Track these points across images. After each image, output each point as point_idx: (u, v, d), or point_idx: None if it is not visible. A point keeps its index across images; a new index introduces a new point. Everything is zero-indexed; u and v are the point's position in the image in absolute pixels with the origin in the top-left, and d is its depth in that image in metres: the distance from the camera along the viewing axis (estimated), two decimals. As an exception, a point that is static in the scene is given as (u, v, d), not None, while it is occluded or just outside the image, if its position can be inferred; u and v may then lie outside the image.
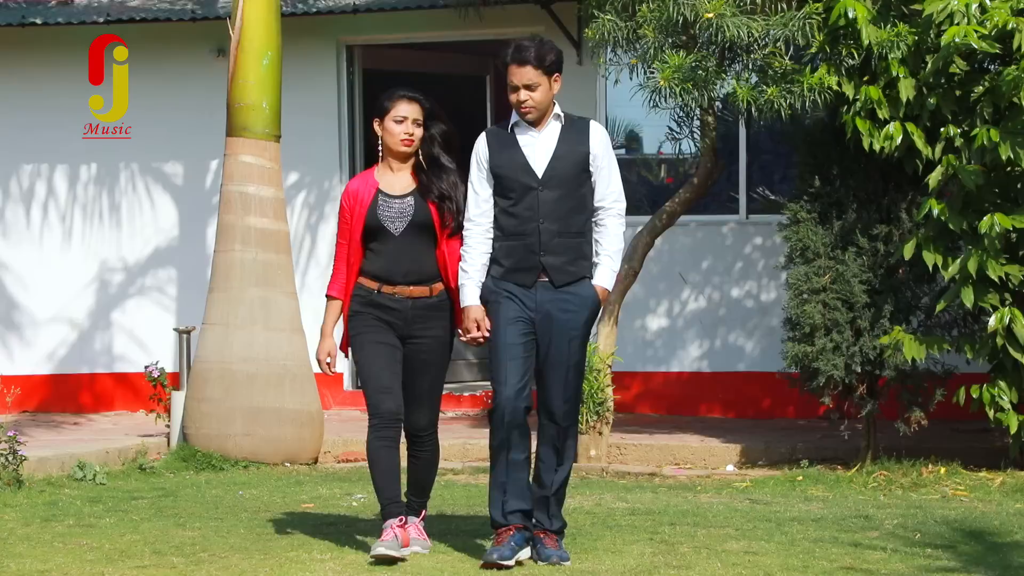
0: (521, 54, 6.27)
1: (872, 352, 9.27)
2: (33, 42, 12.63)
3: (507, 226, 6.32)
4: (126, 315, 12.85)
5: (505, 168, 6.32)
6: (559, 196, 6.28)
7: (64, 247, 12.87)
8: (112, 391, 12.81)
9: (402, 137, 6.48)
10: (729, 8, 8.73)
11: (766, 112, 8.96)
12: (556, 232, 6.28)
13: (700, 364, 12.07)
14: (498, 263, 6.36)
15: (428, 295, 6.51)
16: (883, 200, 9.41)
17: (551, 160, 6.30)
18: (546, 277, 6.30)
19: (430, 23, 12.33)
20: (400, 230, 6.47)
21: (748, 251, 11.98)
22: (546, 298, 6.29)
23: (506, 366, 6.25)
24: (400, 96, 6.52)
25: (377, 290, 6.49)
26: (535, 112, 6.31)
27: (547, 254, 6.28)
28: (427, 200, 6.48)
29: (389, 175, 6.57)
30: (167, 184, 12.85)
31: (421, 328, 6.52)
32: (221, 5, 12.33)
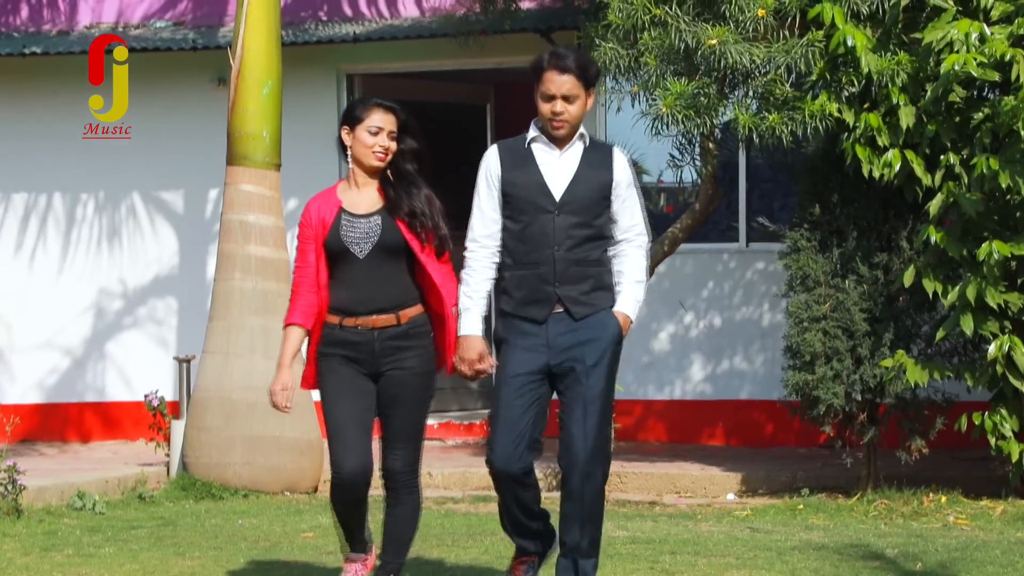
0: (563, 61, 5.73)
1: (872, 380, 9.26)
2: (34, 71, 12.65)
3: (517, 253, 5.76)
4: (126, 343, 12.83)
5: (519, 187, 5.75)
6: (576, 223, 5.73)
7: (64, 275, 12.86)
8: (112, 420, 12.78)
9: (376, 150, 5.84)
10: (731, 35, 8.74)
11: (767, 139, 8.97)
12: (573, 261, 5.72)
13: (701, 391, 12.06)
14: (508, 295, 5.78)
15: (395, 323, 5.82)
16: (883, 228, 9.42)
17: (571, 183, 5.75)
18: (562, 309, 5.72)
19: (430, 52, 12.36)
20: (365, 252, 5.81)
21: (748, 279, 11.98)
22: (561, 331, 5.71)
23: (500, 427, 5.71)
24: (375, 105, 5.89)
25: (339, 324, 5.83)
26: (567, 127, 5.75)
27: (563, 284, 5.71)
28: (396, 218, 5.83)
29: (354, 192, 5.92)
30: (167, 212, 12.86)
31: (392, 361, 5.83)
32: (222, 35, 12.35)
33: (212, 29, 12.72)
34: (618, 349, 5.78)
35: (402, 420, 5.86)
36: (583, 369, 5.67)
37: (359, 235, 5.81)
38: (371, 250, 5.79)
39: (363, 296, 5.81)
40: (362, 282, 5.83)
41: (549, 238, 5.71)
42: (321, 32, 12.42)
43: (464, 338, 5.79)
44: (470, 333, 5.78)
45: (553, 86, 5.70)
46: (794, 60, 8.82)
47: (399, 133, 5.89)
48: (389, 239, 5.80)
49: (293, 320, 5.89)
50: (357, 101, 6.00)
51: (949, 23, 8.60)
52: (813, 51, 8.79)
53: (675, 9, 8.83)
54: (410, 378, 5.85)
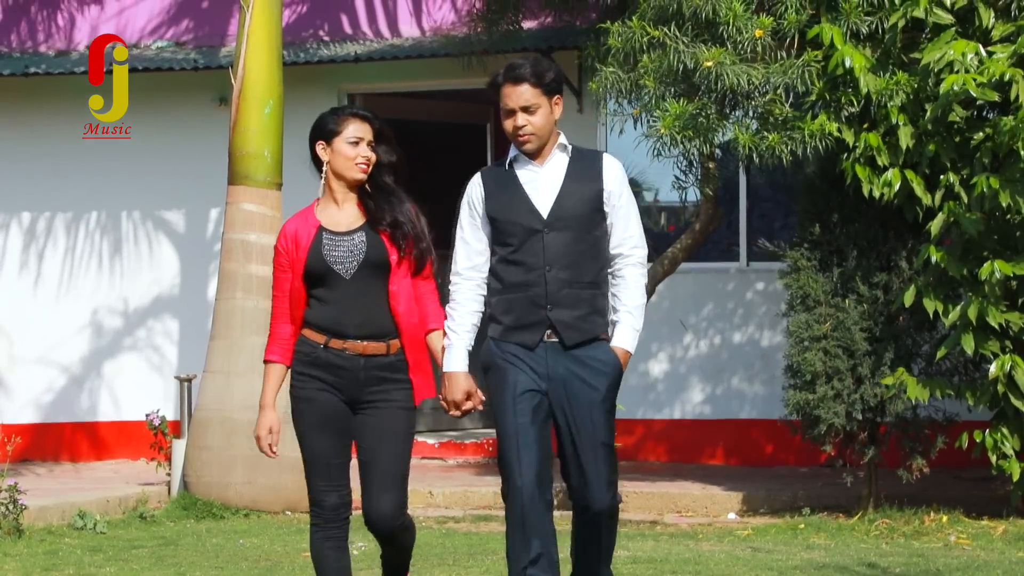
0: (515, 72, 5.42)
1: (873, 399, 9.26)
2: (34, 91, 12.68)
3: (508, 277, 5.40)
4: (127, 363, 12.84)
5: (504, 210, 5.43)
6: (568, 239, 5.37)
7: (66, 294, 12.87)
8: (112, 439, 12.78)
9: (358, 161, 5.47)
10: (728, 57, 8.77)
11: (767, 158, 8.98)
12: (566, 281, 5.35)
13: (702, 411, 12.06)
14: (497, 320, 5.44)
15: (385, 353, 5.42)
16: (883, 247, 9.43)
17: (558, 197, 5.40)
18: (554, 336, 5.36)
19: (431, 72, 12.39)
20: (351, 272, 5.42)
21: (749, 298, 11.99)
22: (557, 362, 5.36)
23: (520, 452, 5.30)
24: (350, 115, 5.54)
25: (324, 344, 5.42)
26: (535, 140, 5.41)
27: (555, 307, 5.34)
28: (379, 232, 5.46)
29: (332, 209, 5.52)
30: (169, 231, 12.87)
31: (375, 393, 5.42)
32: (223, 55, 12.39)
33: (213, 49, 12.76)
34: (617, 388, 5.45)
35: (389, 458, 5.38)
36: (585, 411, 5.34)
37: (343, 254, 5.44)
38: (357, 269, 5.42)
39: (353, 318, 5.42)
40: (350, 303, 5.43)
41: (540, 258, 5.38)
42: (322, 52, 12.45)
43: (449, 375, 5.41)
44: (455, 370, 5.40)
45: (510, 100, 5.42)
46: (792, 81, 8.84)
47: (376, 142, 5.55)
48: (375, 255, 5.43)
49: (272, 356, 5.51)
50: (327, 114, 5.60)
51: (947, 43, 8.62)
52: (811, 71, 8.81)
53: (673, 30, 8.85)
54: (397, 413, 5.42)
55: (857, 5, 8.77)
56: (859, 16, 8.78)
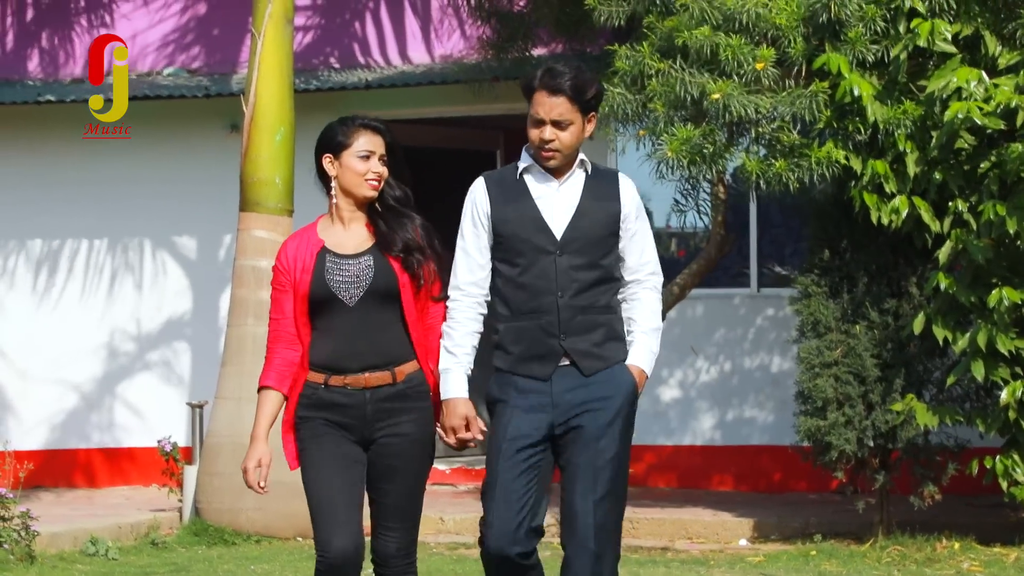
0: (555, 80, 4.90)
1: (884, 426, 9.25)
2: (49, 118, 12.73)
3: (515, 302, 4.93)
4: (138, 389, 12.86)
5: (513, 225, 4.95)
6: (582, 264, 4.92)
7: (78, 321, 12.90)
8: (124, 465, 12.80)
9: (369, 178, 4.99)
10: (735, 88, 8.76)
11: (774, 185, 8.98)
12: (579, 308, 4.90)
13: (712, 437, 12.05)
14: (504, 350, 4.95)
15: (391, 382, 4.93)
16: (893, 273, 9.43)
17: (574, 218, 4.94)
18: (569, 362, 4.91)
19: (441, 99, 12.43)
20: (355, 299, 4.92)
21: (760, 324, 11.99)
22: (569, 386, 4.90)
23: (497, 504, 4.87)
24: (360, 126, 5.04)
25: (324, 383, 4.94)
26: (560, 158, 4.95)
27: (569, 336, 4.90)
28: (389, 256, 4.95)
29: (338, 229, 5.04)
30: (180, 258, 12.91)
31: (386, 426, 4.94)
32: (235, 82, 12.44)
33: (225, 76, 12.81)
34: (633, 409, 4.98)
35: (397, 495, 4.95)
36: (593, 431, 4.87)
37: (347, 279, 4.95)
38: (362, 296, 4.93)
39: (352, 350, 4.93)
40: (351, 334, 4.94)
41: (551, 283, 4.90)
42: (333, 79, 12.50)
43: (447, 402, 4.93)
44: (454, 396, 4.92)
45: (543, 109, 4.91)
46: (800, 110, 8.83)
47: (387, 156, 5.07)
48: (383, 282, 4.93)
49: (268, 382, 5.00)
50: (336, 123, 5.09)
51: (953, 71, 8.63)
52: (818, 101, 8.79)
53: (679, 62, 8.87)
54: (407, 446, 4.95)
55: (862, 34, 8.78)
56: (864, 45, 8.80)
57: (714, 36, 8.76)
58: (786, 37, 8.86)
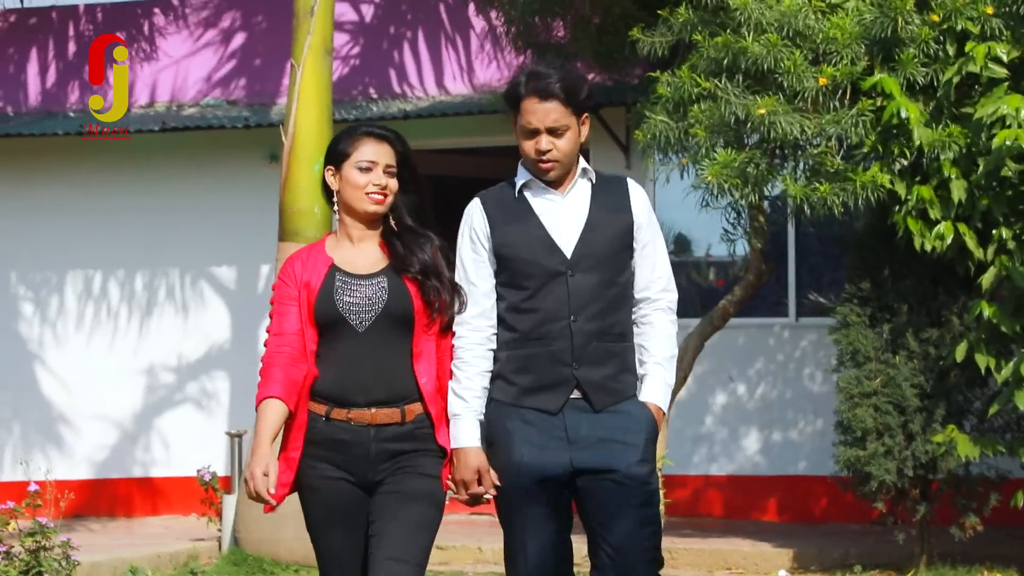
0: (543, 84, 4.48)
1: (925, 456, 9.19)
2: (90, 150, 12.82)
3: (522, 327, 4.47)
4: (178, 418, 12.91)
5: (517, 247, 4.50)
6: (596, 283, 4.48)
7: (115, 350, 12.96)
8: (164, 495, 12.84)
9: (370, 190, 4.49)
10: (781, 106, 8.68)
11: (819, 209, 8.87)
12: (594, 333, 4.45)
13: (752, 466, 12.00)
14: (507, 380, 4.48)
15: (399, 421, 4.43)
16: (933, 303, 9.38)
17: (584, 232, 4.51)
18: (579, 396, 4.45)
19: (479, 128, 12.45)
20: (366, 324, 4.43)
21: (799, 353, 11.94)
22: (581, 423, 4.44)
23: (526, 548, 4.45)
24: (364, 134, 4.56)
25: (325, 416, 4.44)
26: (559, 167, 4.52)
27: (583, 365, 4.44)
28: (404, 278, 4.47)
29: (347, 247, 4.57)
30: (219, 287, 12.96)
31: (391, 467, 4.43)
32: (275, 113, 12.50)
33: (264, 107, 12.88)
34: (655, 446, 4.55)
35: (401, 533, 4.39)
36: (624, 471, 4.40)
37: (359, 301, 4.45)
38: (373, 321, 4.44)
39: (359, 381, 4.43)
40: (358, 363, 4.44)
41: (564, 306, 4.45)
42: (372, 109, 12.54)
43: (457, 452, 4.45)
44: (464, 445, 4.44)
45: (534, 117, 4.48)
46: (845, 131, 8.74)
47: (399, 169, 4.58)
48: (398, 306, 4.44)
49: (271, 391, 4.43)
50: (342, 132, 4.63)
51: (1000, 98, 8.58)
52: (864, 121, 8.71)
53: (724, 83, 8.81)
54: (416, 479, 4.44)
55: (914, 56, 8.71)
56: (915, 68, 8.70)
57: (778, 46, 8.62)
58: (839, 53, 8.77)
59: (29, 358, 13.02)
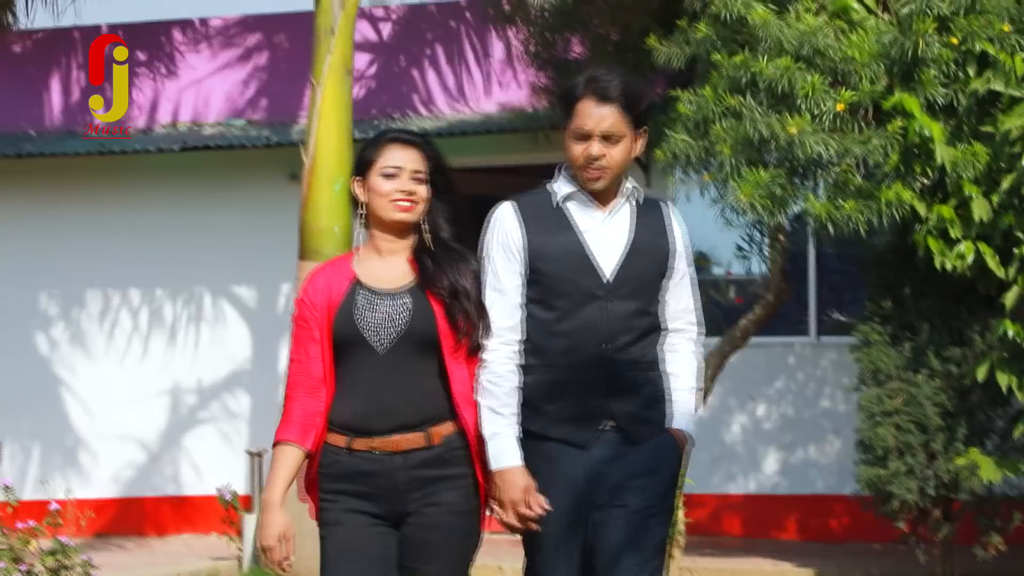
0: (603, 87, 4.19)
1: (947, 475, 9.15)
2: (112, 169, 12.86)
3: (550, 351, 4.17)
4: (199, 437, 12.92)
5: (554, 262, 4.20)
6: (632, 311, 4.21)
7: (136, 369, 12.98)
8: (185, 513, 12.85)
9: (395, 197, 4.21)
10: (809, 126, 8.63)
11: (843, 226, 8.80)
12: (628, 363, 4.19)
13: (774, 485, 11.97)
14: (535, 408, 4.17)
15: (425, 445, 4.14)
16: (955, 322, 9.34)
17: (627, 256, 4.24)
18: (611, 427, 4.19)
19: (500, 147, 12.46)
20: (388, 345, 4.14)
21: (820, 372, 11.91)
22: (606, 456, 4.17)
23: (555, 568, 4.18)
24: (390, 140, 4.29)
25: (346, 448, 4.16)
26: (607, 177, 4.24)
27: (616, 396, 4.17)
28: (431, 297, 4.18)
29: (374, 261, 4.28)
30: (240, 306, 12.99)
31: (422, 497, 4.15)
32: (295, 132, 12.53)
33: (285, 126, 12.92)
34: (675, 480, 4.31)
35: None
36: (641, 511, 4.17)
37: (380, 319, 4.16)
38: (396, 341, 4.15)
39: (381, 407, 4.14)
40: (380, 387, 4.14)
41: (598, 332, 4.17)
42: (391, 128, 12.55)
43: (501, 473, 4.12)
44: (508, 465, 4.11)
45: (589, 121, 4.19)
46: (870, 152, 8.67)
47: (432, 175, 4.30)
48: (421, 327, 4.16)
49: (287, 436, 4.18)
50: (369, 140, 4.37)
51: (1022, 116, 8.54)
52: (890, 142, 8.65)
53: (749, 99, 8.76)
54: (447, 518, 4.16)
55: (934, 76, 8.66)
56: (935, 87, 8.65)
57: (793, 68, 8.54)
58: (858, 74, 8.73)
59: (51, 377, 13.05)
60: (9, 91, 13.41)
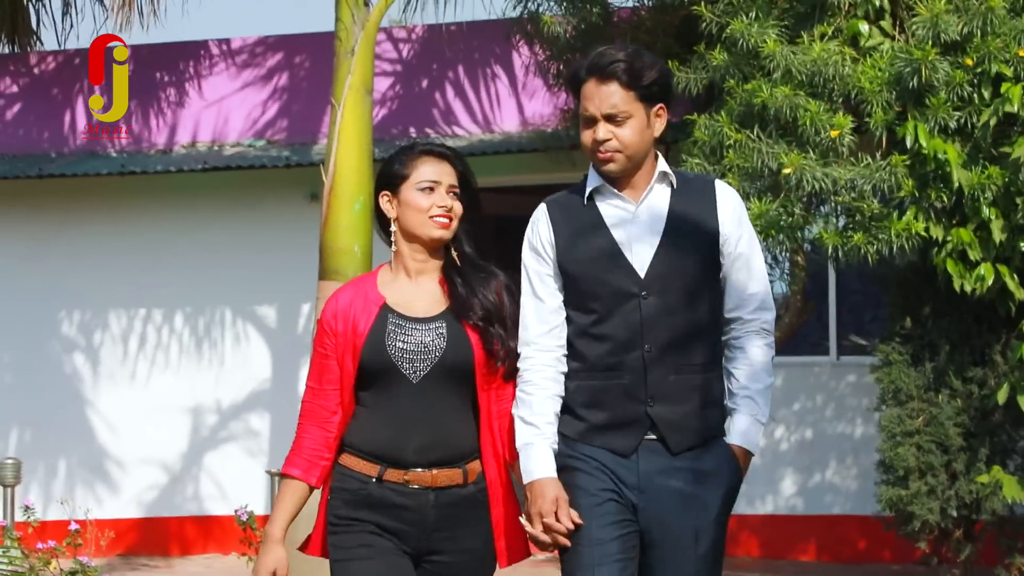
0: (603, 65, 3.91)
1: (969, 496, 9.11)
2: (131, 190, 12.91)
3: (590, 355, 3.92)
4: (217, 457, 12.94)
5: (583, 262, 3.95)
6: (674, 306, 3.90)
7: (156, 390, 13.01)
8: (205, 533, 12.86)
9: (434, 212, 4.00)
10: (810, 160, 8.58)
11: (853, 257, 8.82)
12: (672, 366, 3.90)
13: (794, 505, 11.93)
14: (575, 415, 3.94)
15: (461, 483, 3.96)
16: (976, 342, 9.31)
17: (660, 246, 3.93)
18: (655, 436, 3.91)
19: (521, 167, 12.47)
20: (420, 374, 3.94)
21: (840, 392, 11.88)
22: (654, 468, 3.89)
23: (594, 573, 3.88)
24: (422, 152, 4.08)
25: (377, 478, 3.95)
26: (620, 159, 3.92)
27: (658, 402, 3.89)
28: (465, 324, 3.96)
29: (403, 284, 4.05)
30: (260, 326, 13.01)
31: (447, 538, 3.96)
32: (315, 152, 12.56)
33: (305, 146, 12.95)
34: (733, 502, 4.08)
35: None
36: (692, 531, 3.94)
37: (414, 348, 3.94)
38: (429, 371, 3.94)
39: (417, 439, 3.94)
40: (413, 418, 3.94)
41: (636, 334, 3.89)
42: (413, 149, 12.57)
43: (532, 485, 3.89)
44: (540, 476, 3.88)
45: (591, 103, 3.92)
46: (879, 182, 8.63)
47: (460, 190, 4.09)
48: (454, 357, 3.96)
49: (293, 470, 4.07)
50: (395, 154, 4.15)
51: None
52: (897, 174, 8.59)
53: (756, 132, 8.75)
54: (474, 564, 4.02)
55: (945, 100, 8.65)
56: (947, 111, 8.63)
57: (794, 97, 8.57)
58: (868, 102, 8.72)
59: (73, 397, 13.08)
60: (31, 112, 13.48)
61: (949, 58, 8.56)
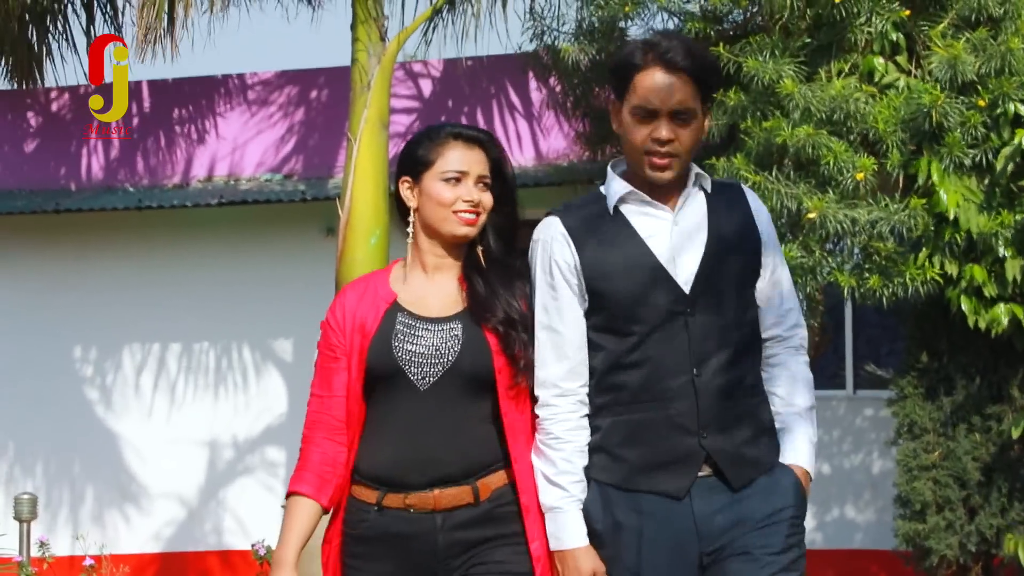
0: (668, 52, 3.40)
1: (988, 531, 9.06)
2: (148, 225, 12.94)
3: (628, 385, 3.44)
4: (236, 492, 12.92)
5: (617, 279, 3.47)
6: (724, 324, 3.49)
7: (173, 424, 13.02)
8: (220, 568, 12.83)
9: (459, 207, 3.56)
10: (832, 202, 8.50)
11: (869, 299, 8.75)
12: (723, 391, 3.46)
13: (811, 540, 11.82)
14: (612, 455, 3.44)
15: (471, 502, 3.46)
16: (993, 377, 9.27)
17: (705, 258, 3.50)
18: (709, 472, 3.46)
19: (537, 201, 12.43)
20: (429, 381, 3.49)
21: (857, 425, 11.83)
22: (716, 507, 3.45)
23: None
24: (450, 136, 3.60)
25: (376, 505, 3.52)
26: (675, 168, 3.48)
27: (712, 432, 3.45)
28: (485, 328, 3.50)
29: (418, 280, 3.61)
30: (276, 360, 13.01)
31: (466, 563, 3.47)
32: (331, 186, 12.58)
33: (322, 180, 12.96)
34: (803, 529, 3.73)
35: None
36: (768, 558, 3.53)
37: (424, 351, 3.50)
38: (440, 378, 3.49)
39: (420, 454, 3.47)
40: (419, 430, 3.48)
41: (684, 356, 3.44)
42: (429, 182, 12.59)
43: (562, 555, 3.45)
44: (572, 546, 3.43)
45: (656, 96, 3.41)
46: (898, 224, 8.57)
47: (492, 180, 3.64)
48: (470, 362, 3.49)
49: (301, 487, 3.62)
50: (421, 134, 3.66)
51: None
52: (915, 217, 8.51)
53: (775, 174, 8.67)
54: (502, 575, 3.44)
55: (960, 139, 8.56)
56: (962, 149, 8.56)
57: (816, 135, 8.48)
58: (884, 142, 8.66)
59: (90, 432, 13.09)
60: (47, 147, 13.53)
61: (964, 98, 8.48)
